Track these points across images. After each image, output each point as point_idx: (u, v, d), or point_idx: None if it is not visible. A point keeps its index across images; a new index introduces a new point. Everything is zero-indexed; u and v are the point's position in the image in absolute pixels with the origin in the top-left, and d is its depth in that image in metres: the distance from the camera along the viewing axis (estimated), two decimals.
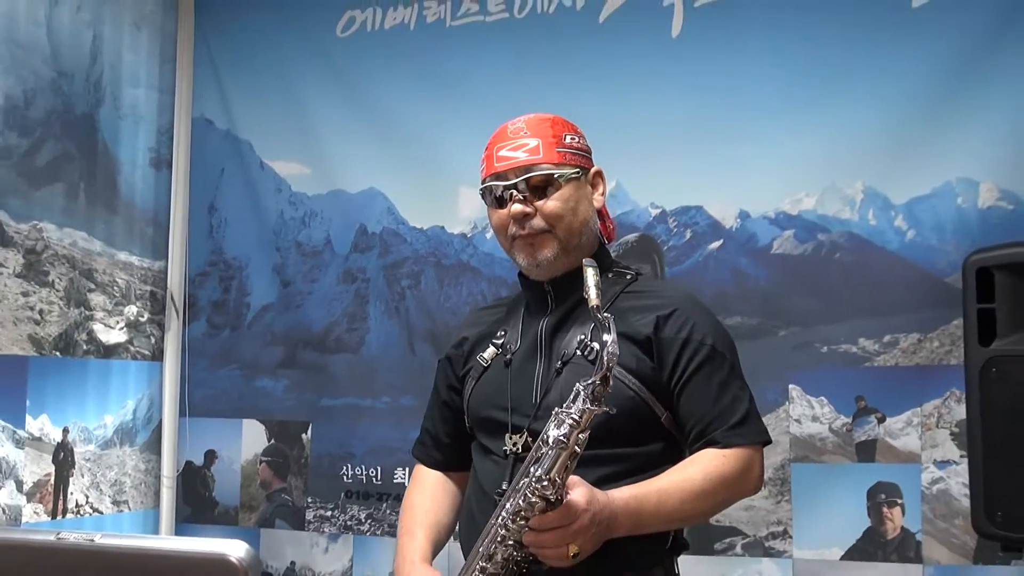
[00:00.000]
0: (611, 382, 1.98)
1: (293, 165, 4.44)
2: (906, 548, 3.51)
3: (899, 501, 3.53)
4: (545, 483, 1.97)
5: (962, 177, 3.50)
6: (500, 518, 2.06)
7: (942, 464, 3.49)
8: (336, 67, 4.32)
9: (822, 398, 3.64)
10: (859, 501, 3.57)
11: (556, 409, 2.02)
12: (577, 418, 1.97)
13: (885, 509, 3.54)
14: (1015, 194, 3.43)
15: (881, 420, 3.57)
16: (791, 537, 3.63)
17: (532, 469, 2.01)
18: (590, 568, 2.06)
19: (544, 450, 1.99)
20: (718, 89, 3.78)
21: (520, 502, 2.01)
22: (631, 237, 3.88)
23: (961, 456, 3.41)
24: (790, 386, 3.67)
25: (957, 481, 3.45)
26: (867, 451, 3.58)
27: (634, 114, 3.85)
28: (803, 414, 3.65)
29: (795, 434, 3.65)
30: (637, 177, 3.90)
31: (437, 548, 2.40)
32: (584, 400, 1.97)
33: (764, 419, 3.58)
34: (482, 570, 2.09)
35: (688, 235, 3.83)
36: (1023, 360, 2.71)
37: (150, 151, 4.39)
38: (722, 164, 3.75)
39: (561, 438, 1.96)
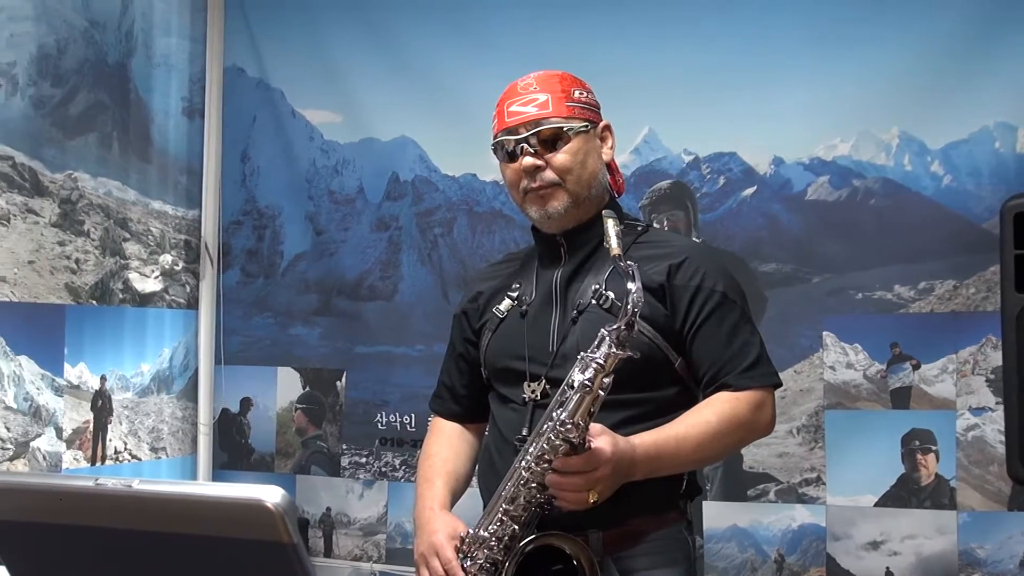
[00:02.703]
0: (636, 327, 2.02)
1: (325, 113, 4.43)
2: (940, 494, 3.50)
3: (933, 448, 3.52)
4: (569, 426, 2.01)
5: (1000, 122, 3.46)
6: (524, 461, 2.10)
7: (977, 411, 3.48)
8: (367, 14, 4.29)
9: (856, 345, 3.62)
10: (893, 448, 3.57)
11: (582, 354, 2.06)
12: (602, 362, 2.01)
13: (919, 456, 3.54)
14: None
15: (916, 367, 3.55)
16: (824, 484, 3.63)
17: (556, 413, 2.05)
18: (607, 510, 2.11)
19: (569, 394, 2.04)
20: (752, 34, 3.73)
21: (544, 445, 2.05)
22: (664, 184, 3.86)
23: (997, 403, 3.40)
24: (824, 332, 3.65)
25: (992, 428, 3.43)
26: (901, 398, 3.56)
27: (667, 60, 3.82)
28: (837, 361, 3.63)
29: (829, 381, 3.63)
30: (670, 124, 3.87)
31: (455, 496, 2.45)
32: (609, 345, 2.01)
33: (798, 366, 3.64)
34: (505, 512, 2.14)
35: (721, 181, 3.81)
36: None
37: (183, 100, 4.39)
38: (756, 110, 3.72)
39: (586, 382, 2.01)
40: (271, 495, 1.27)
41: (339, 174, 4.41)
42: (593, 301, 2.26)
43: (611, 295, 2.23)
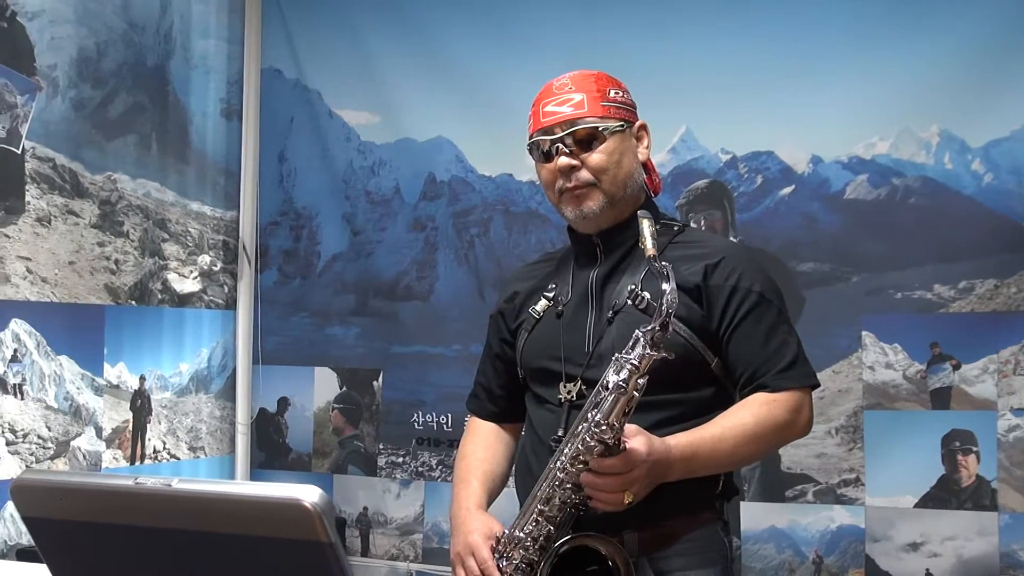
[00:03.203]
0: (670, 328, 2.02)
1: (362, 114, 4.45)
2: (981, 496, 3.47)
3: (974, 448, 3.49)
4: (604, 427, 2.01)
5: None
6: (559, 462, 2.11)
7: (1019, 411, 3.45)
8: (404, 15, 4.31)
9: (896, 345, 3.60)
10: (933, 449, 3.54)
11: (616, 355, 2.06)
12: (637, 363, 2.01)
13: (959, 456, 3.51)
14: None
15: (956, 367, 3.52)
16: (863, 485, 3.61)
17: (591, 414, 2.05)
18: (642, 511, 2.10)
19: (603, 395, 2.04)
20: (790, 32, 3.72)
21: (579, 446, 2.05)
22: (701, 183, 3.85)
23: None
24: (863, 332, 3.63)
25: None
26: (942, 398, 3.53)
27: (704, 59, 3.80)
28: (876, 361, 3.61)
29: (868, 381, 3.61)
30: (707, 123, 3.86)
31: (492, 496, 2.45)
32: (644, 346, 2.01)
33: (836, 366, 3.62)
34: (540, 513, 2.13)
35: (759, 181, 3.79)
36: None
37: (220, 101, 4.42)
38: (794, 108, 3.70)
39: (621, 383, 2.00)
40: (309, 495, 1.27)
41: (376, 174, 4.42)
42: (629, 302, 2.25)
43: (647, 295, 2.20)
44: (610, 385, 2.02)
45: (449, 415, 4.21)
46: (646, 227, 2.10)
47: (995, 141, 3.49)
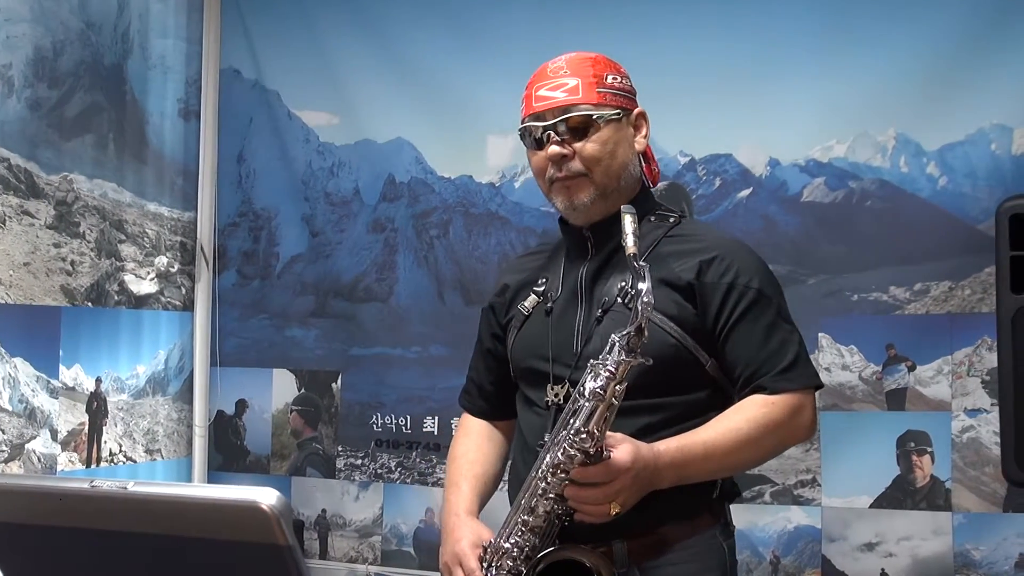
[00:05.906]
0: (646, 332, 1.93)
1: (321, 115, 4.43)
2: (935, 496, 3.51)
3: (929, 449, 3.53)
4: (584, 436, 1.94)
5: (996, 124, 3.46)
6: (540, 471, 2.03)
7: (973, 412, 3.48)
8: (363, 15, 4.30)
9: (852, 346, 3.62)
10: (888, 449, 3.57)
11: (592, 361, 1.99)
12: (613, 370, 1.93)
13: (914, 457, 3.54)
14: None
15: (911, 368, 3.55)
16: (820, 485, 3.63)
17: (570, 422, 1.97)
18: (633, 519, 2.04)
19: (581, 402, 1.96)
20: (748, 35, 3.73)
21: (559, 455, 1.97)
22: (660, 185, 3.85)
23: (992, 404, 3.40)
24: (820, 334, 3.65)
25: (988, 429, 3.44)
26: (897, 399, 3.56)
27: (663, 61, 3.81)
28: (833, 362, 3.63)
29: (824, 382, 3.63)
30: (666, 125, 3.84)
31: (483, 499, 2.37)
32: (619, 351, 1.94)
33: None
34: (524, 523, 2.06)
35: (717, 183, 3.81)
36: None
37: (179, 102, 4.39)
38: (752, 111, 3.72)
39: (598, 390, 1.93)
40: (266, 497, 1.27)
41: (335, 176, 4.41)
42: (619, 299, 2.17)
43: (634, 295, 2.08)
44: (587, 392, 1.95)
45: (408, 417, 4.20)
46: (628, 223, 1.99)
47: (950, 145, 3.52)
